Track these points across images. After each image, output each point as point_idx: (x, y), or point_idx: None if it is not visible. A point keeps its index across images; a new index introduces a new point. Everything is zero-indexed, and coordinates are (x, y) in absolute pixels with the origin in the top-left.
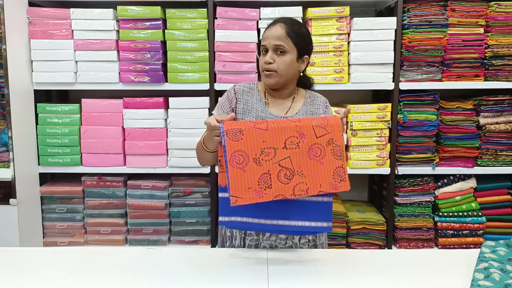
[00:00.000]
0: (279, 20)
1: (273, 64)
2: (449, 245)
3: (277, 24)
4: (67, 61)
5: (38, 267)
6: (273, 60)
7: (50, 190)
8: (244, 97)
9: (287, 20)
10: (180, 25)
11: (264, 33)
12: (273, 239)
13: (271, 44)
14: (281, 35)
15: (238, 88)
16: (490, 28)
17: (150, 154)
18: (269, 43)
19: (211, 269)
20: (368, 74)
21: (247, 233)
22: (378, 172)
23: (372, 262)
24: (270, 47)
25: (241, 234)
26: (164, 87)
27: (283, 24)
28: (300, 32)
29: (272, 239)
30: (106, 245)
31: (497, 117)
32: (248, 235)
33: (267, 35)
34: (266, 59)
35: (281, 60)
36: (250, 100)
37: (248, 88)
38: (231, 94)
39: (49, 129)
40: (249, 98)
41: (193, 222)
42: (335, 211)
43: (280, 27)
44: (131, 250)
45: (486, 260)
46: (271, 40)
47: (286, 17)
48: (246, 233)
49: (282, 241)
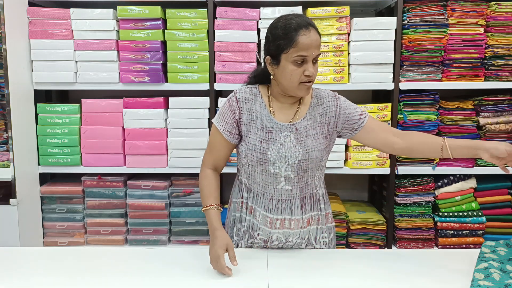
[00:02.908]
0: (308, 22)
1: (313, 76)
2: (449, 245)
3: (312, 29)
4: (67, 61)
5: (38, 267)
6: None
7: (50, 190)
8: (247, 105)
9: (311, 21)
10: (180, 25)
11: (300, 40)
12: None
13: (314, 55)
14: (319, 43)
15: (240, 96)
16: (490, 28)
17: (150, 154)
18: (312, 54)
19: (211, 269)
20: (368, 74)
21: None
22: (378, 172)
23: (372, 262)
24: (311, 57)
25: (246, 244)
26: (164, 87)
27: (314, 29)
28: None
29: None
30: (106, 245)
31: (497, 117)
32: (255, 243)
33: (308, 43)
34: (312, 71)
35: (315, 69)
36: (253, 108)
37: (250, 95)
38: (234, 104)
39: (49, 129)
40: (252, 106)
41: (193, 222)
42: (335, 211)
43: (315, 32)
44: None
45: (486, 260)
46: (314, 51)
47: (304, 16)
48: (253, 243)
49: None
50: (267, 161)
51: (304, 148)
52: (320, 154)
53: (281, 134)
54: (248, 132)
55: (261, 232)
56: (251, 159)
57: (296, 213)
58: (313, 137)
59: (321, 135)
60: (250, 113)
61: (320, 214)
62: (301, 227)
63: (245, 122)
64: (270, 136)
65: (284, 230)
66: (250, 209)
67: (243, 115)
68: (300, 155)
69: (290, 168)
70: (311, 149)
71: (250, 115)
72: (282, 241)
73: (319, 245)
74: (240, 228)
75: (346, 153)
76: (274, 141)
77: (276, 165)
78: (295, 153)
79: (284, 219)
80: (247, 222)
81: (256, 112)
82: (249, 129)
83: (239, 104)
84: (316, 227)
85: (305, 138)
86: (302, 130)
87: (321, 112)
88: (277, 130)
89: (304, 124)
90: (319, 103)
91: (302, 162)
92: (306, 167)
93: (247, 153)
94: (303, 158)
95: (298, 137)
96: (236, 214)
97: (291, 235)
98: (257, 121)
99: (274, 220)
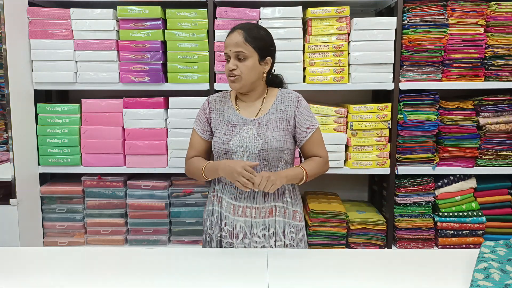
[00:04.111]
0: (237, 26)
1: (236, 70)
2: (449, 245)
3: (235, 31)
4: (67, 61)
5: (38, 267)
6: (236, 66)
7: (50, 190)
8: (217, 106)
9: (244, 25)
10: (180, 25)
11: (225, 41)
12: (247, 242)
13: (232, 52)
14: (239, 41)
15: (212, 99)
16: (490, 28)
17: (150, 154)
18: (230, 51)
19: (211, 269)
20: (368, 74)
21: (222, 235)
22: (378, 172)
23: (372, 262)
24: (231, 55)
25: (217, 237)
26: (164, 87)
27: (241, 30)
28: (258, 36)
29: (246, 242)
30: (106, 245)
31: (497, 117)
32: (224, 238)
33: (227, 43)
34: (229, 66)
35: (243, 65)
36: (222, 108)
37: (221, 98)
38: (205, 105)
39: (49, 129)
40: (221, 106)
41: (193, 222)
42: (335, 211)
43: (238, 33)
44: (131, 250)
45: (485, 260)
46: (231, 48)
47: (244, 23)
48: (222, 236)
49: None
50: (230, 151)
51: (263, 139)
52: (280, 145)
53: (244, 127)
54: (216, 128)
55: (227, 221)
56: (217, 151)
57: (257, 202)
58: (273, 129)
59: (281, 128)
60: (219, 111)
61: (287, 208)
62: (263, 216)
63: (214, 119)
64: (234, 129)
65: (245, 218)
66: (219, 199)
67: (212, 113)
68: (260, 145)
69: (251, 157)
70: (270, 140)
71: (218, 113)
72: (247, 234)
73: (288, 240)
74: (212, 221)
75: (346, 153)
76: (237, 133)
77: (238, 154)
78: (255, 144)
79: (246, 206)
80: (217, 214)
81: (224, 111)
82: (217, 125)
83: (209, 105)
84: (283, 220)
85: (266, 131)
86: (264, 123)
87: (283, 108)
88: (241, 124)
89: (266, 118)
90: (282, 101)
91: (262, 152)
92: (267, 156)
93: (214, 146)
94: (262, 148)
95: (260, 129)
96: (209, 208)
97: (253, 225)
98: (224, 118)
99: (237, 207)
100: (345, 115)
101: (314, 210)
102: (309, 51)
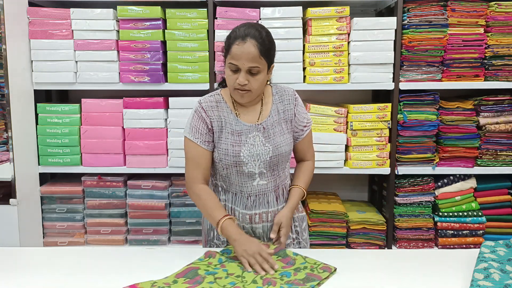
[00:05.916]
0: (249, 34)
1: (248, 85)
2: (449, 245)
3: (248, 42)
4: (67, 61)
5: (38, 267)
6: (247, 81)
7: (50, 190)
8: (215, 113)
9: (256, 34)
10: (180, 25)
11: (233, 49)
12: None
13: (245, 66)
14: (255, 56)
15: (206, 106)
16: (490, 28)
17: (150, 154)
18: (243, 65)
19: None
20: (368, 74)
21: None
22: (378, 172)
23: (372, 262)
24: (242, 68)
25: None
26: (164, 87)
27: (255, 41)
28: (271, 47)
29: None
30: (106, 245)
31: (497, 117)
32: None
33: (239, 55)
34: (241, 81)
35: (255, 80)
36: (221, 114)
37: (215, 102)
38: (203, 114)
39: (49, 129)
40: (219, 113)
41: (193, 222)
42: (335, 211)
43: (251, 45)
44: (131, 250)
45: (485, 260)
46: (244, 62)
47: (253, 28)
48: None
49: None
50: (241, 163)
51: (273, 145)
52: (289, 148)
53: (250, 134)
54: (219, 138)
55: (244, 231)
56: (225, 163)
57: (272, 205)
58: (280, 133)
59: (287, 130)
60: (219, 119)
61: None
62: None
63: (216, 129)
64: (240, 139)
65: (263, 224)
66: (229, 210)
67: (213, 122)
68: (271, 151)
69: (262, 165)
70: (280, 145)
71: (219, 122)
72: (264, 238)
73: (294, 234)
74: None
75: (346, 153)
76: (245, 143)
77: (250, 165)
78: (265, 151)
79: (262, 212)
80: None
81: (224, 118)
82: (220, 135)
83: (207, 113)
84: None
85: (273, 135)
86: (269, 127)
87: (283, 108)
88: (246, 132)
89: (270, 121)
90: (280, 100)
91: (273, 158)
92: (277, 161)
93: (221, 158)
94: (273, 154)
95: (266, 135)
96: None
97: (270, 228)
98: (226, 126)
99: (253, 215)
100: (345, 115)
101: (314, 210)
102: (309, 51)
